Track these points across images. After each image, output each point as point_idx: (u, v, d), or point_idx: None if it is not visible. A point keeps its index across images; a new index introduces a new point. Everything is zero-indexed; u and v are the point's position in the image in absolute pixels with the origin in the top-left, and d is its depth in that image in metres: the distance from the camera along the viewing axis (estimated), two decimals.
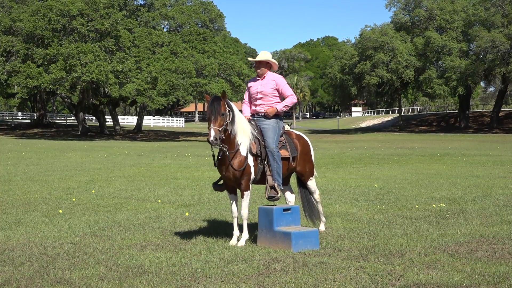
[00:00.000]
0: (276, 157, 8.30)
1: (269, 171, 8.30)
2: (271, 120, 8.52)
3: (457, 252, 7.55)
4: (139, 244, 8.19)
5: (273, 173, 8.29)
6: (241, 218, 8.45)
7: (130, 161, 25.95)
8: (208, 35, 63.51)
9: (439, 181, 16.81)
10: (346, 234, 8.80)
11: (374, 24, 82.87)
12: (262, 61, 8.65)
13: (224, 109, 7.89)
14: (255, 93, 8.65)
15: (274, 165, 8.28)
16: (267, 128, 8.42)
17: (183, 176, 18.74)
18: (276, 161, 8.30)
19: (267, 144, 8.32)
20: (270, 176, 8.28)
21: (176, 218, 10.42)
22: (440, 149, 37.20)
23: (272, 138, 8.34)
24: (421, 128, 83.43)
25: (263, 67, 8.66)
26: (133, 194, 14.00)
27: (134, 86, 54.09)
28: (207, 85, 58.04)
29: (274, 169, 8.28)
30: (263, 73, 8.68)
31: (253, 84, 8.76)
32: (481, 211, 10.96)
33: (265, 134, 8.38)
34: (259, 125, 8.48)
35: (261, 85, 8.64)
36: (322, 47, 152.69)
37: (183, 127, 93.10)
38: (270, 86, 8.60)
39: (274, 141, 8.35)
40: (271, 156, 8.29)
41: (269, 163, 8.30)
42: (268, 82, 8.63)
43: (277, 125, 8.53)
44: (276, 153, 8.31)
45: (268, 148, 8.30)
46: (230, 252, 7.62)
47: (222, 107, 7.87)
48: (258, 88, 8.64)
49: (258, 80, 8.72)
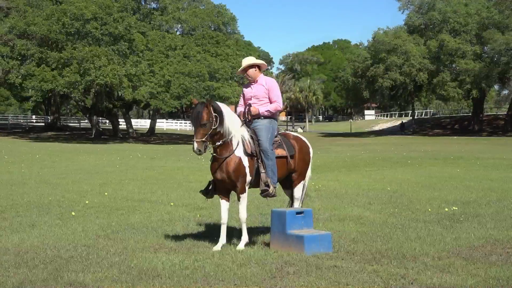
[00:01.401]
0: (270, 156, 8.33)
1: (263, 169, 8.31)
2: (264, 120, 8.57)
3: (471, 256, 7.51)
4: (152, 247, 8.21)
5: (267, 171, 8.31)
6: (240, 222, 8.48)
7: (143, 164, 26.02)
8: (221, 38, 63.59)
9: (452, 185, 16.72)
10: (359, 238, 8.77)
11: (387, 27, 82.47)
12: (246, 67, 8.74)
13: (208, 118, 7.88)
14: (249, 97, 8.74)
15: (268, 163, 8.31)
16: (260, 128, 8.48)
17: (196, 179, 18.75)
18: (270, 159, 8.33)
19: (260, 143, 8.35)
20: (264, 173, 8.30)
21: (189, 221, 10.43)
22: (454, 152, 36.99)
23: (265, 137, 8.38)
24: (435, 131, 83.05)
25: (251, 73, 8.75)
26: (146, 197, 14.03)
27: (148, 89, 54.25)
28: (220, 88, 58.11)
29: (269, 167, 8.31)
30: (255, 77, 8.77)
31: (246, 89, 8.86)
32: (495, 215, 10.89)
33: (259, 134, 8.43)
34: (253, 126, 8.52)
35: (254, 89, 8.75)
36: (334, 50, 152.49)
37: None
38: (262, 90, 8.69)
39: (268, 139, 8.40)
40: (265, 155, 8.31)
41: (263, 161, 8.33)
42: (260, 87, 8.72)
43: (270, 125, 8.56)
44: (270, 152, 8.34)
45: (262, 147, 8.34)
46: (243, 255, 7.62)
47: (204, 116, 7.86)
48: (251, 93, 8.74)
49: (252, 85, 8.82)
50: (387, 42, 74.96)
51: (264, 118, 8.59)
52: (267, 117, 8.62)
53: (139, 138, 65.16)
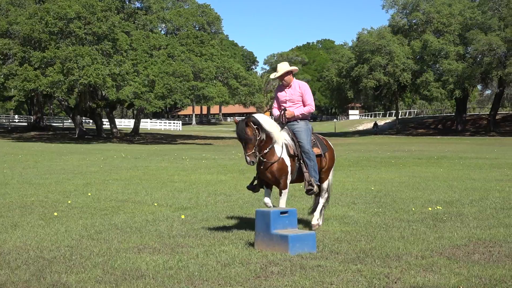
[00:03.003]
0: (312, 156, 9.10)
1: (306, 168, 9.03)
2: (301, 123, 9.28)
3: (454, 255, 7.56)
4: (136, 247, 8.18)
5: (309, 171, 9.05)
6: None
7: (127, 164, 25.92)
8: (206, 38, 63.51)
9: (436, 184, 16.82)
10: (343, 237, 8.80)
11: (371, 27, 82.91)
12: (283, 74, 9.31)
13: (251, 132, 8.55)
14: (283, 100, 9.37)
15: (310, 163, 9.06)
16: (300, 131, 9.19)
17: (180, 179, 18.73)
18: (312, 160, 9.08)
19: (302, 145, 9.08)
20: (307, 173, 9.04)
21: (173, 221, 10.41)
22: (437, 152, 37.22)
23: (306, 140, 9.13)
24: (419, 131, 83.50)
25: (286, 77, 9.33)
26: (130, 197, 13.98)
27: (132, 89, 54.03)
28: (204, 88, 58.03)
29: (311, 167, 9.06)
30: (289, 81, 9.37)
31: (280, 93, 9.44)
32: (478, 214, 10.97)
33: (299, 136, 9.15)
34: (292, 128, 9.21)
35: (289, 93, 9.35)
36: (319, 50, 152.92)
37: (180, 130, 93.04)
38: (297, 94, 9.32)
39: (308, 142, 9.14)
40: (306, 156, 9.06)
41: (305, 162, 9.05)
42: (295, 90, 9.33)
43: (307, 127, 9.28)
44: (311, 153, 9.10)
45: (304, 149, 9.07)
46: (227, 255, 7.62)
47: (248, 132, 8.54)
48: (286, 97, 9.36)
49: (285, 88, 9.40)
50: (371, 43, 75.30)
51: (301, 121, 9.29)
52: (303, 119, 9.32)
53: (123, 138, 64.91)
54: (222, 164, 26.12)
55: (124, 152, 38.08)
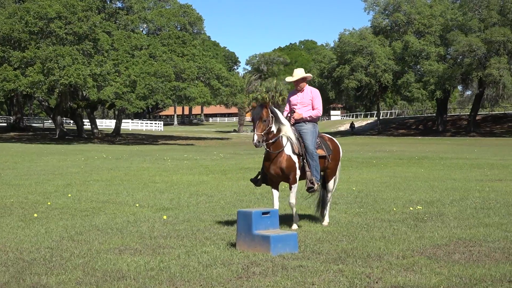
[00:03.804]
0: (315, 157, 9.67)
1: (308, 167, 9.61)
2: (309, 125, 9.89)
3: (434, 255, 7.61)
4: (117, 249, 8.14)
5: (312, 170, 9.63)
6: (290, 206, 9.67)
7: (108, 165, 25.79)
8: (187, 38, 63.36)
9: (417, 184, 16.92)
10: (325, 237, 8.82)
11: (353, 28, 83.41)
12: (299, 79, 10.02)
13: (267, 116, 9.20)
14: (295, 103, 10.06)
15: (312, 163, 9.65)
16: (306, 132, 9.79)
17: (161, 180, 18.67)
18: (314, 160, 9.66)
19: (306, 146, 9.67)
20: (309, 172, 9.63)
21: (155, 222, 10.37)
22: (418, 153, 37.45)
23: (311, 141, 9.71)
24: (400, 131, 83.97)
25: (300, 83, 10.05)
26: (111, 198, 13.91)
27: (113, 89, 53.76)
28: (186, 88, 57.90)
29: (313, 166, 9.65)
30: (303, 86, 10.09)
31: (293, 97, 10.14)
32: (458, 214, 11.06)
33: (305, 137, 9.74)
34: (299, 129, 9.83)
35: (300, 97, 10.05)
36: (301, 50, 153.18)
37: (161, 130, 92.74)
38: (308, 98, 10.01)
39: (313, 143, 9.73)
40: (310, 156, 9.65)
41: (308, 161, 9.63)
42: (306, 94, 10.05)
43: (314, 129, 9.88)
44: (314, 154, 9.69)
45: (308, 150, 9.66)
46: (209, 256, 7.61)
47: (264, 113, 9.19)
48: (298, 100, 10.05)
49: (298, 93, 10.11)
50: (353, 43, 75.62)
51: (308, 123, 9.90)
52: (310, 121, 9.93)
53: (104, 138, 64.57)
54: (204, 165, 26.08)
55: (105, 152, 37.88)
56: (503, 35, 67.80)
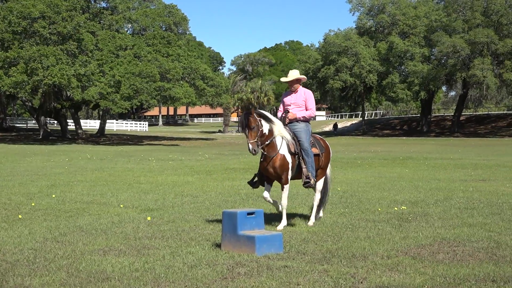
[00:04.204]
0: (310, 154, 10.00)
1: (304, 164, 9.92)
2: (302, 124, 10.17)
3: (419, 255, 7.65)
4: (101, 250, 8.11)
5: (308, 166, 9.93)
6: (281, 208, 9.84)
7: (93, 166, 25.67)
8: (172, 38, 63.21)
9: (401, 185, 17.00)
10: (309, 238, 8.83)
11: (338, 29, 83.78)
12: (293, 80, 10.28)
13: (254, 122, 9.39)
14: (289, 104, 10.33)
15: (308, 160, 9.96)
16: (300, 131, 10.07)
17: (146, 181, 18.61)
18: (310, 157, 9.99)
19: (301, 144, 9.97)
20: (305, 168, 9.92)
21: (139, 222, 10.34)
22: (403, 153, 37.63)
23: (305, 139, 10.02)
24: (385, 132, 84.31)
25: (295, 84, 10.32)
26: (95, 199, 13.85)
27: (97, 89, 53.52)
28: (171, 89, 57.75)
29: (308, 163, 9.95)
30: (297, 87, 10.37)
31: (287, 97, 10.41)
32: (443, 214, 11.12)
33: (299, 136, 10.03)
34: (293, 129, 10.10)
35: (294, 97, 10.32)
36: (286, 51, 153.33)
37: (146, 131, 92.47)
38: (301, 99, 10.28)
39: (307, 140, 10.04)
40: (305, 153, 9.95)
41: (304, 158, 9.94)
42: (300, 95, 10.31)
43: (307, 128, 10.19)
44: (309, 151, 10.00)
45: (303, 147, 9.96)
46: (194, 256, 7.60)
47: (252, 121, 9.37)
48: (292, 100, 10.32)
49: (292, 94, 10.37)
50: (338, 44, 75.82)
51: (301, 122, 10.18)
52: (303, 121, 10.20)
53: (88, 139, 64.26)
54: (189, 165, 26.03)
55: (90, 153, 37.71)
56: (487, 36, 68.27)
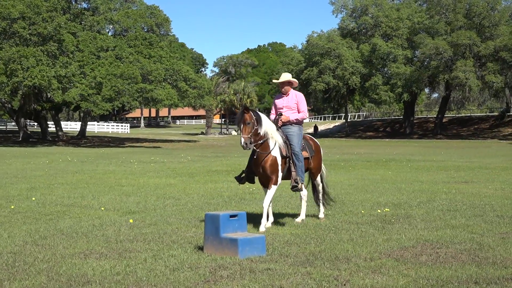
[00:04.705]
0: (300, 158, 10.27)
1: (294, 168, 10.17)
2: (295, 127, 10.42)
3: (402, 257, 7.67)
4: (82, 253, 8.05)
5: (297, 171, 10.19)
6: (263, 206, 9.97)
7: (73, 168, 25.52)
8: (154, 40, 63.05)
9: (384, 187, 17.06)
10: (292, 240, 8.84)
11: (321, 31, 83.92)
12: (285, 82, 10.53)
13: (250, 118, 9.64)
14: (281, 107, 10.56)
15: (298, 164, 10.22)
16: (292, 135, 10.32)
17: (128, 183, 18.53)
18: (300, 161, 10.25)
19: (293, 148, 10.24)
20: (295, 172, 10.18)
21: (121, 225, 10.29)
22: (386, 155, 37.81)
23: (297, 143, 10.28)
24: (368, 134, 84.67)
25: (286, 86, 10.57)
26: (76, 202, 13.76)
27: (78, 91, 53.28)
28: (153, 90, 57.61)
29: (298, 167, 10.22)
30: (287, 90, 10.59)
31: (279, 100, 10.65)
32: (426, 216, 11.17)
33: (291, 140, 10.27)
34: (285, 132, 10.34)
35: (286, 101, 10.56)
36: (269, 53, 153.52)
37: (128, 133, 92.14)
38: (293, 102, 10.52)
39: (299, 145, 10.31)
40: (296, 158, 10.23)
41: (294, 162, 10.20)
42: (292, 98, 10.54)
43: (300, 132, 10.46)
44: (300, 155, 10.28)
45: (294, 151, 10.23)
46: (176, 259, 7.57)
47: (247, 117, 9.63)
48: (283, 103, 10.56)
49: (283, 97, 10.61)
50: (321, 46, 76.11)
51: (294, 125, 10.43)
52: (296, 124, 10.47)
53: (69, 141, 63.92)
54: (171, 168, 25.96)
55: (70, 155, 37.48)
56: (469, 38, 68.88)
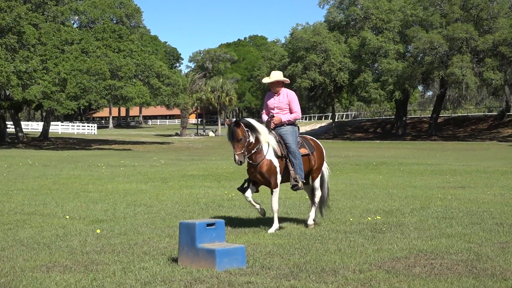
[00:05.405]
0: (297, 155, 10.70)
1: (292, 166, 10.64)
2: (288, 126, 10.93)
3: (393, 268, 7.71)
4: (45, 266, 8.01)
5: (295, 169, 10.64)
6: (272, 212, 10.71)
7: (35, 173, 25.37)
8: (124, 32, 62.81)
9: (374, 192, 17.14)
10: (275, 251, 8.85)
11: (306, 23, 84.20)
12: (275, 82, 10.98)
13: (242, 133, 10.16)
14: (272, 107, 11.03)
15: (296, 162, 10.67)
16: (286, 134, 10.82)
17: (95, 189, 18.46)
18: (297, 158, 10.68)
19: (288, 146, 10.70)
20: (293, 170, 10.65)
21: (87, 235, 10.24)
22: (376, 158, 37.99)
23: (292, 141, 10.75)
24: (356, 135, 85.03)
25: (276, 86, 11.02)
26: (38, 210, 13.68)
27: (40, 88, 52.91)
28: (122, 88, 57.37)
29: (296, 165, 10.66)
30: (278, 90, 11.04)
31: (270, 100, 11.12)
32: (419, 224, 11.24)
33: (286, 138, 10.76)
34: (279, 132, 10.84)
35: (277, 100, 11.02)
36: (250, 47, 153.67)
37: (95, 134, 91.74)
38: (285, 101, 10.98)
39: (294, 142, 10.76)
40: (293, 155, 10.67)
41: (291, 160, 10.66)
42: (283, 98, 10.99)
43: (293, 130, 10.93)
44: (297, 152, 10.71)
45: (290, 149, 10.69)
46: (148, 272, 7.55)
47: (239, 133, 10.13)
48: (275, 104, 11.03)
49: (274, 96, 11.09)
50: (306, 39, 76.28)
51: (287, 125, 10.93)
52: (289, 124, 10.95)
53: (30, 143, 63.50)
54: (143, 172, 25.90)
55: (32, 158, 37.25)
56: (466, 32, 69.35)
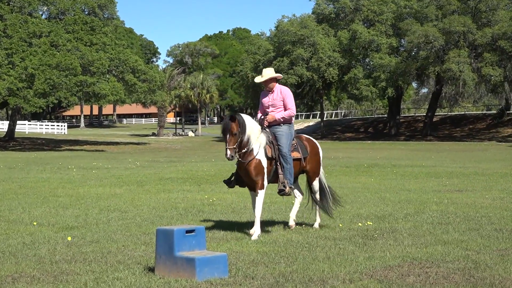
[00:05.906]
0: (289, 160, 10.98)
1: (281, 170, 10.94)
2: (284, 127, 11.20)
3: (386, 278, 7.74)
4: (10, 276, 7.97)
5: (285, 173, 10.94)
6: (254, 216, 10.85)
7: (0, 175, 25.25)
8: (97, 24, 62.61)
9: (366, 196, 17.18)
10: (259, 259, 8.85)
11: (293, 15, 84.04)
12: (267, 80, 11.29)
13: (237, 128, 10.49)
14: (267, 105, 11.36)
15: (286, 166, 10.95)
16: (281, 135, 11.07)
17: (65, 193, 18.39)
18: (288, 163, 10.96)
19: (280, 149, 10.96)
20: (282, 175, 10.94)
21: (56, 243, 10.20)
22: (368, 159, 38.10)
23: (285, 144, 10.99)
24: (346, 135, 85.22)
25: (270, 83, 11.34)
26: (3, 215, 13.62)
27: (5, 84, 52.69)
28: (95, 84, 57.21)
29: (286, 169, 10.95)
30: (272, 87, 11.40)
31: (265, 99, 11.45)
32: (413, 230, 11.28)
33: (279, 140, 11.02)
34: (274, 132, 11.11)
35: (271, 98, 11.35)
36: (232, 40, 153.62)
37: (65, 134, 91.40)
38: (279, 99, 11.29)
39: (287, 146, 11.01)
40: (284, 159, 10.94)
41: (282, 164, 10.94)
42: (277, 95, 11.32)
43: (289, 131, 11.21)
44: (288, 157, 10.98)
45: (282, 152, 10.95)
46: (122, 283, 7.53)
47: (234, 127, 10.46)
48: (269, 102, 11.36)
49: (269, 94, 11.42)
50: (293, 32, 76.30)
51: (283, 125, 11.19)
52: (285, 122, 11.21)
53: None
54: (117, 175, 25.83)
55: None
56: (463, 25, 69.64)
